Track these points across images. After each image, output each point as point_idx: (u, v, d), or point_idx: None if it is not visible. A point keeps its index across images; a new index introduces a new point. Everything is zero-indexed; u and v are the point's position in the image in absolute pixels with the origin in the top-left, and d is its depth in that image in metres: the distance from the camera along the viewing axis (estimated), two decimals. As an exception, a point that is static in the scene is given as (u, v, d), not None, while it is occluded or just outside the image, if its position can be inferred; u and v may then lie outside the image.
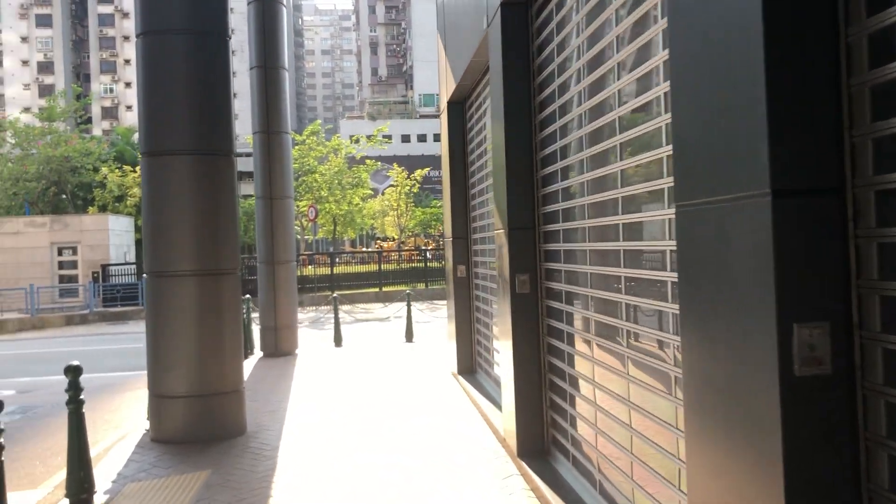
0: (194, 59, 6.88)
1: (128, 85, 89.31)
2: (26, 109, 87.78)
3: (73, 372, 5.60)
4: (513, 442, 5.74)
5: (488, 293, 8.06)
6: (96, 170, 30.11)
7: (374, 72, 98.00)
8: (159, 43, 6.90)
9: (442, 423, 7.33)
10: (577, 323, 4.87)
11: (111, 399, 10.66)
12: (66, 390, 5.78)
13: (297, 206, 34.62)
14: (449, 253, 9.29)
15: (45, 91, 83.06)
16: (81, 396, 5.87)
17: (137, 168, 30.59)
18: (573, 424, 5.02)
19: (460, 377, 9.06)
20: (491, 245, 7.75)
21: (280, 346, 12.70)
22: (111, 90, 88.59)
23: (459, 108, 9.09)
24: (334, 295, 15.70)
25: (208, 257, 6.95)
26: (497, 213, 5.99)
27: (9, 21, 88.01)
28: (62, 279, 26.31)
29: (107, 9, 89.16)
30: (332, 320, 19.18)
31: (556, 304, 5.29)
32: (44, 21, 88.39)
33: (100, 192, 30.00)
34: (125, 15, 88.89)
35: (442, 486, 5.47)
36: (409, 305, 15.10)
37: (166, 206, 6.90)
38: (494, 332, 7.73)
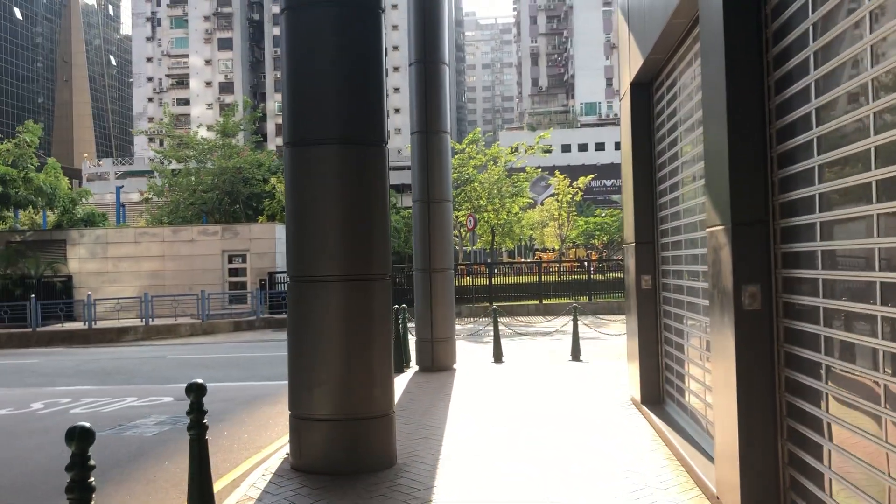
0: (344, 35, 6.03)
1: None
2: (209, 128, 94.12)
3: (196, 392, 4.75)
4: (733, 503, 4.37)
5: (682, 308, 6.66)
6: (265, 181, 30.95)
7: (535, 82, 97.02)
8: (306, 16, 6.10)
9: (632, 469, 6.01)
10: (842, 352, 3.46)
11: (260, 412, 10.11)
12: (188, 412, 4.98)
13: (456, 216, 34.15)
14: (630, 261, 7.94)
15: (225, 110, 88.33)
16: (206, 420, 5.03)
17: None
18: (831, 492, 3.60)
19: (644, 407, 7.66)
20: (689, 250, 6.35)
21: (437, 361, 11.76)
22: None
23: (645, 90, 7.74)
24: (493, 307, 14.64)
25: (357, 260, 6.05)
26: (711, 205, 4.63)
27: (195, 46, 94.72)
28: (232, 286, 27.03)
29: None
30: (491, 333, 18.16)
31: (803, 326, 3.88)
32: (225, 44, 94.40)
33: (269, 203, 30.77)
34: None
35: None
36: (575, 320, 13.75)
37: (311, 202, 6.07)
38: (692, 356, 6.32)
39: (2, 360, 19.25)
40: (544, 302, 26.58)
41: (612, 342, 15.81)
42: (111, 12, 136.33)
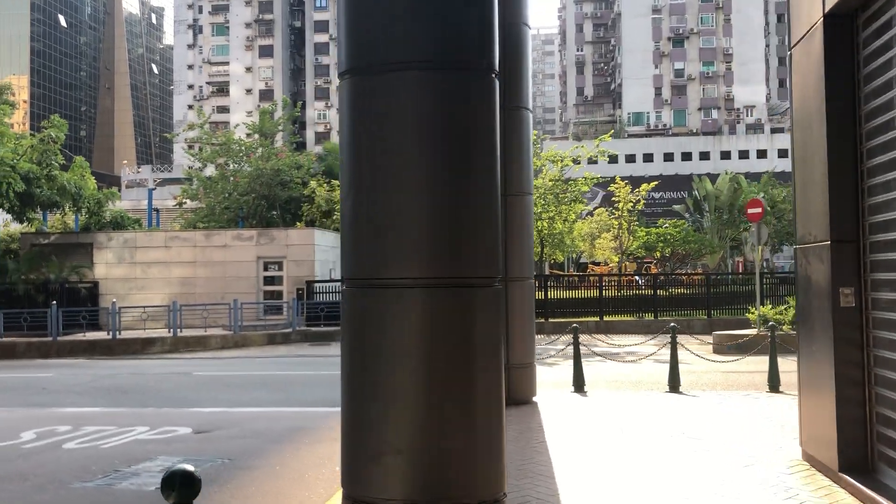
0: None
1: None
2: (248, 136, 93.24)
3: (181, 490, 2.57)
4: None
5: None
6: (305, 184, 29.08)
7: (580, 91, 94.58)
8: None
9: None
10: None
11: (297, 455, 7.92)
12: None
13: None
14: (818, 266, 5.63)
15: (266, 117, 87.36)
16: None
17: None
18: None
19: (843, 476, 5.33)
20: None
21: (513, 392, 9.47)
22: (324, 116, 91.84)
23: (846, 24, 5.46)
24: (574, 324, 12.34)
25: (452, 255, 3.87)
26: None
27: (236, 53, 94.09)
28: (267, 295, 25.11)
29: (322, 38, 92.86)
30: (553, 353, 15.87)
31: None
32: (266, 52, 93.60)
33: (307, 207, 28.89)
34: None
35: None
36: (673, 343, 11.38)
37: (380, 163, 3.89)
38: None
39: (15, 372, 17.47)
40: (605, 319, 24.24)
41: (704, 367, 13.41)
42: (154, 21, 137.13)
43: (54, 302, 21.77)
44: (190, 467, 2.49)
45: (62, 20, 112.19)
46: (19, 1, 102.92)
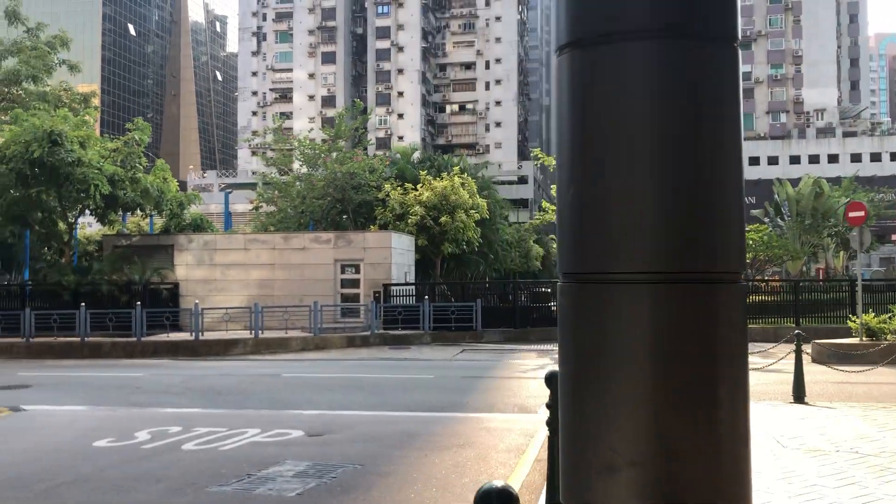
0: None
1: (400, 116, 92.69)
2: (323, 141, 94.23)
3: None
4: None
5: None
6: (378, 188, 28.98)
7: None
8: None
9: None
10: None
11: (428, 463, 7.56)
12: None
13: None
14: None
15: (327, 124, 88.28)
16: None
17: (418, 186, 28.98)
18: None
19: None
20: None
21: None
22: (385, 121, 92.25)
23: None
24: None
25: (689, 247, 3.45)
26: None
27: (299, 60, 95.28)
28: (344, 298, 25.00)
29: (384, 44, 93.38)
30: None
31: None
32: (328, 58, 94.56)
33: (380, 211, 28.77)
34: (400, 49, 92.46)
35: None
36: (798, 351, 10.74)
37: (609, 146, 3.49)
38: None
39: (106, 371, 17.63)
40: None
41: (813, 376, 12.68)
42: (218, 29, 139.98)
43: (139, 303, 21.98)
44: (501, 483, 2.15)
45: (132, 29, 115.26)
46: (92, 12, 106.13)
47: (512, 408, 11.30)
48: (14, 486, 6.71)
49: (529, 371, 16.20)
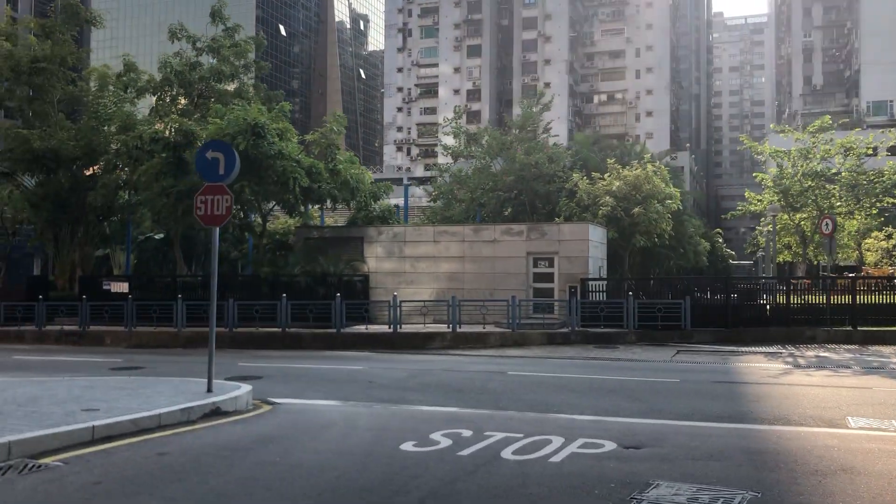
0: None
1: (545, 108, 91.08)
2: (455, 136, 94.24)
3: None
4: None
5: None
6: (564, 178, 27.77)
7: (807, 81, 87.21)
8: None
9: None
10: None
11: (827, 488, 6.32)
12: None
13: (796, 219, 28.91)
14: None
15: (472, 118, 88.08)
16: None
17: (606, 175, 27.62)
18: None
19: None
20: None
21: None
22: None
23: None
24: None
25: None
26: None
27: (444, 54, 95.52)
28: (536, 292, 24.05)
29: (530, 35, 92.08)
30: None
31: None
32: (474, 51, 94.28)
33: (565, 202, 27.61)
34: (547, 39, 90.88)
35: None
36: None
37: None
38: None
39: (322, 363, 17.43)
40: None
41: None
42: (361, 27, 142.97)
43: (338, 294, 21.88)
44: None
45: (282, 30, 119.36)
46: (247, 14, 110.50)
47: (813, 421, 9.87)
48: (370, 495, 6.07)
49: (780, 377, 14.65)
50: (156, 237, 34.88)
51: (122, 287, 25.69)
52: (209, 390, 10.54)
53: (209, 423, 9.18)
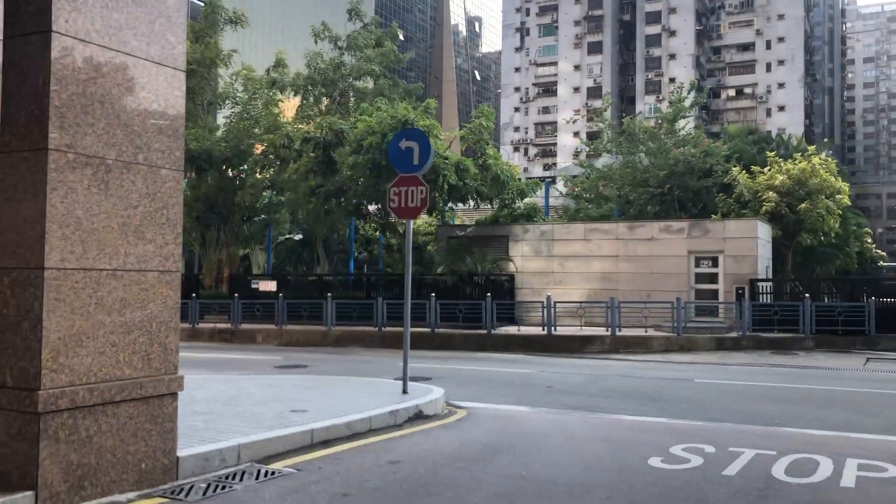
0: None
1: (670, 105, 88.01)
2: (575, 134, 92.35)
3: None
4: None
5: None
6: (726, 171, 26.01)
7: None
8: None
9: None
10: None
11: None
12: None
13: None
14: None
15: (592, 115, 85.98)
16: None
17: (766, 169, 25.78)
18: None
19: None
20: None
21: None
22: (654, 110, 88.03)
23: None
24: None
25: None
26: None
27: (564, 51, 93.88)
28: (699, 294, 22.59)
29: (654, 29, 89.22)
30: None
31: None
32: (594, 48, 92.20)
33: (722, 198, 25.91)
34: (672, 33, 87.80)
35: None
36: None
37: None
38: None
39: (482, 365, 16.72)
40: None
41: None
42: (476, 29, 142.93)
43: (488, 294, 21.17)
44: None
45: (399, 34, 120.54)
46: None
47: None
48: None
49: None
50: (294, 237, 35.35)
51: (270, 286, 25.90)
52: (404, 392, 9.94)
53: (417, 428, 8.55)
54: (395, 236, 28.03)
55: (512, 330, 21.40)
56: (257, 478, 6.13)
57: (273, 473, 6.27)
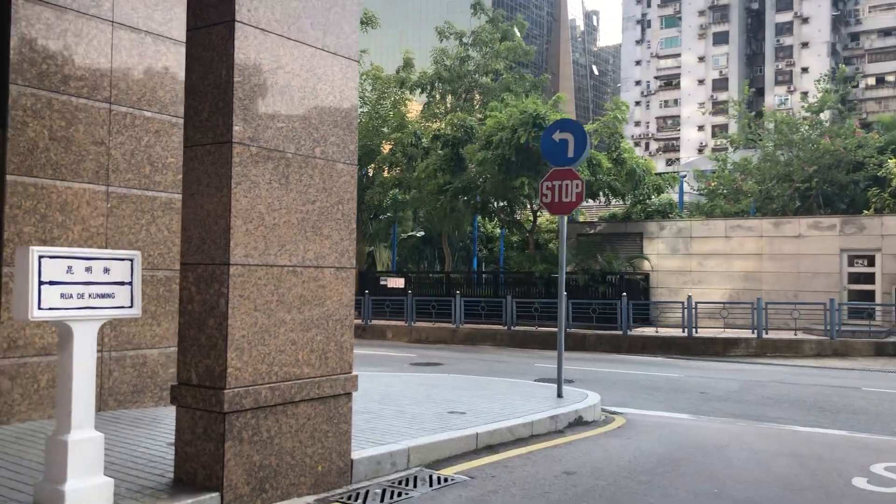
0: None
1: (804, 95, 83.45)
2: (700, 128, 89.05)
3: None
4: None
5: None
6: (881, 164, 24.09)
7: None
8: None
9: None
10: None
11: None
12: None
13: None
14: None
15: (718, 108, 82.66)
16: None
17: (927, 161, 23.70)
18: None
19: None
20: None
21: None
22: (786, 101, 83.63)
23: None
24: None
25: None
26: None
27: (687, 43, 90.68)
28: (852, 295, 21.02)
29: (785, 17, 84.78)
30: None
31: None
32: (720, 39, 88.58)
33: (875, 192, 24.01)
34: (804, 21, 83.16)
35: None
36: None
37: None
38: None
39: (623, 368, 16.04)
40: None
41: None
42: (594, 23, 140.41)
43: (624, 294, 20.41)
44: None
45: (517, 32, 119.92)
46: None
47: None
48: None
49: None
50: (417, 235, 35.48)
51: (398, 283, 26.03)
52: (559, 396, 9.51)
53: (580, 435, 8.10)
54: (516, 234, 27.55)
55: (648, 331, 20.55)
56: (431, 485, 5.86)
57: (447, 480, 5.99)
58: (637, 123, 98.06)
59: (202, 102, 5.18)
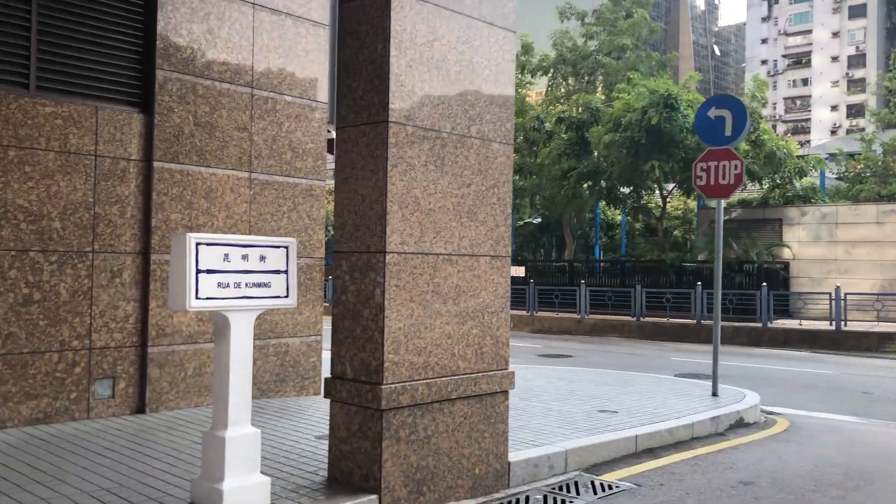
0: None
1: None
2: (833, 108, 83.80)
3: None
4: None
5: None
6: None
7: None
8: None
9: None
10: None
11: None
12: None
13: None
14: None
15: (854, 86, 77.64)
16: None
17: None
18: None
19: None
20: None
21: None
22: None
23: None
24: None
25: None
26: None
27: (820, 18, 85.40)
28: None
29: (932, -16, 78.50)
30: None
31: None
32: (857, 12, 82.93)
33: None
34: (954, -13, 76.63)
35: None
36: None
37: None
38: None
39: (766, 363, 14.98)
40: None
41: None
42: (715, 1, 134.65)
43: (764, 284, 19.16)
44: None
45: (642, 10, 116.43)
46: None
47: None
48: None
49: None
50: (534, 222, 34.83)
51: (518, 271, 25.54)
52: (714, 394, 8.81)
53: (744, 439, 7.41)
54: (641, 220, 26.48)
55: (790, 323, 19.24)
56: (595, 492, 5.38)
57: (611, 487, 5.49)
58: (763, 104, 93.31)
59: (356, 80, 4.86)
